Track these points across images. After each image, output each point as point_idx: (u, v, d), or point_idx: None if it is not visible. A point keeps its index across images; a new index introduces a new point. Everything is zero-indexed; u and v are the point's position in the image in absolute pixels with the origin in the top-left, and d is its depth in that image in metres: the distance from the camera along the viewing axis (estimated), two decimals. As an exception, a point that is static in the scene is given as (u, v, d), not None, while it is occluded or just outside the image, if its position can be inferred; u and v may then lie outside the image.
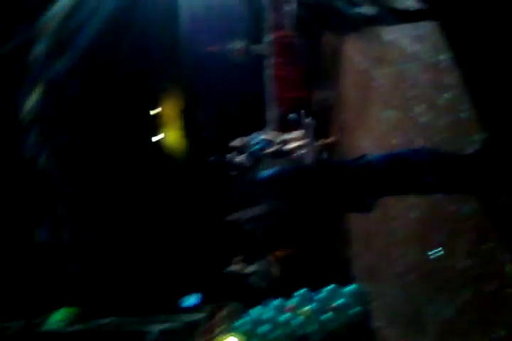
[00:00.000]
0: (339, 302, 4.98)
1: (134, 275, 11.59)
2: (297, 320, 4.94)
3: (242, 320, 5.25)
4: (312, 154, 6.12)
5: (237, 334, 5.13)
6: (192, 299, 10.56)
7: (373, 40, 4.30)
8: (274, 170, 2.71)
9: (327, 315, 4.93)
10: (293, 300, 5.19)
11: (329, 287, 5.23)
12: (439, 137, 2.82)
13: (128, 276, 11.56)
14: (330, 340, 4.89)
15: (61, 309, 10.84)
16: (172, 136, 12.37)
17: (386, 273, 4.13)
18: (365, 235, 4.98)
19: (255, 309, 5.27)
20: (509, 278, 2.09)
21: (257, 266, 6.26)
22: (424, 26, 3.03)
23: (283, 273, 6.17)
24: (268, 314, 5.12)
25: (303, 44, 7.24)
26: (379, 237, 4.26)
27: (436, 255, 2.90)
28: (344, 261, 5.97)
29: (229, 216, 7.18)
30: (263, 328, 4.99)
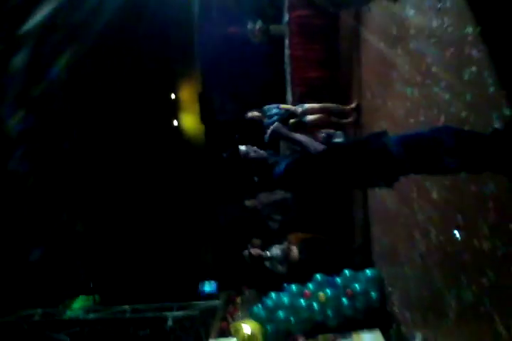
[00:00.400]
0: (357, 287, 4.93)
1: (152, 262, 11.73)
2: (314, 306, 4.90)
3: (259, 306, 5.22)
4: (331, 132, 6.05)
5: (253, 320, 5.12)
6: (209, 285, 10.65)
7: (393, 17, 4.18)
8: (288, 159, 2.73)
9: (344, 300, 4.88)
10: (310, 285, 5.14)
11: (347, 271, 5.17)
12: (464, 114, 2.71)
13: (145, 263, 11.71)
14: (347, 326, 4.83)
15: (80, 297, 11.06)
16: (189, 121, 12.38)
17: (406, 256, 4.05)
18: (384, 218, 4.90)
19: (272, 294, 5.23)
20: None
21: (275, 251, 6.22)
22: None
23: (301, 257, 6.13)
24: (285, 299, 5.08)
25: (321, 23, 7.15)
26: (399, 219, 4.17)
27: (457, 236, 2.82)
28: (363, 245, 5.91)
29: (247, 201, 7.17)
30: (280, 314, 4.96)
